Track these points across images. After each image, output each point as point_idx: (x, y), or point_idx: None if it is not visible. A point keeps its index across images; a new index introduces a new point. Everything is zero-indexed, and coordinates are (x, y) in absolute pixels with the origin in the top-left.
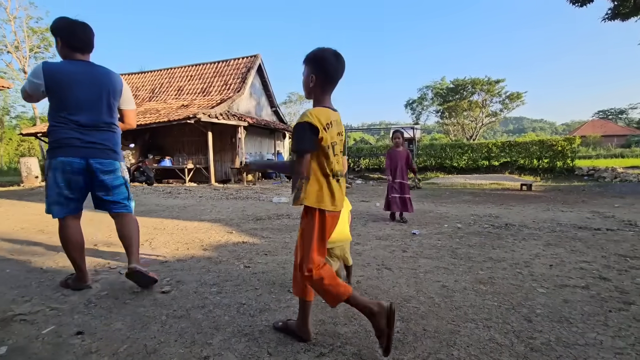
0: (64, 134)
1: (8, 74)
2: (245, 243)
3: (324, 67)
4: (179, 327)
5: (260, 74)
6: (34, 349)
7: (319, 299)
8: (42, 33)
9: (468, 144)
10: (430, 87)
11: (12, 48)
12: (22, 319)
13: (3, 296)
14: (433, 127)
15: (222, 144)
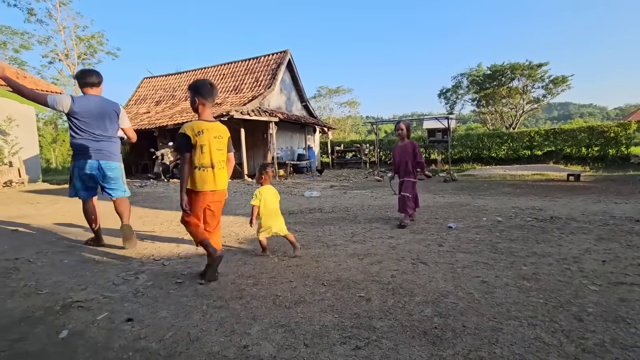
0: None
1: (60, 80)
2: (278, 236)
3: (202, 93)
4: (219, 317)
5: (290, 69)
6: (91, 333)
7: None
8: (87, 40)
9: (507, 133)
10: (466, 74)
11: (63, 56)
12: (79, 306)
13: (63, 284)
14: (469, 116)
15: (255, 139)
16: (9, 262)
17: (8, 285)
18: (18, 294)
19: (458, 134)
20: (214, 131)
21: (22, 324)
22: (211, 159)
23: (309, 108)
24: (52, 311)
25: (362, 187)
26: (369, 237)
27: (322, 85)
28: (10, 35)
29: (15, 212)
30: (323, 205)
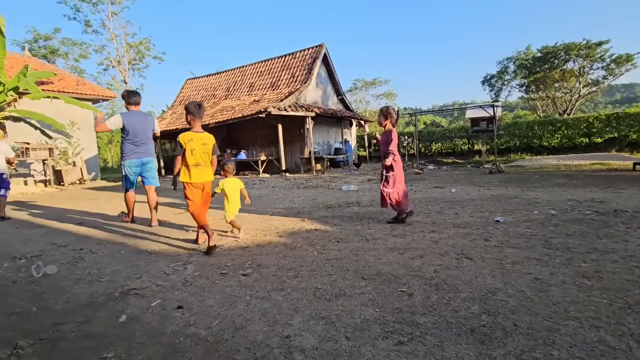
0: (135, 149)
1: (113, 85)
2: (317, 230)
3: (192, 112)
4: (262, 307)
5: (326, 63)
6: (146, 318)
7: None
8: (136, 47)
9: (561, 120)
10: (512, 58)
11: (115, 63)
12: (135, 293)
13: (121, 273)
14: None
15: (292, 135)
16: (75, 252)
17: (75, 272)
18: (83, 281)
19: (504, 123)
20: (201, 139)
21: (87, 308)
22: (198, 160)
23: (345, 101)
24: (112, 297)
25: None
26: (409, 231)
27: (358, 78)
28: (70, 46)
29: (79, 207)
30: (361, 199)
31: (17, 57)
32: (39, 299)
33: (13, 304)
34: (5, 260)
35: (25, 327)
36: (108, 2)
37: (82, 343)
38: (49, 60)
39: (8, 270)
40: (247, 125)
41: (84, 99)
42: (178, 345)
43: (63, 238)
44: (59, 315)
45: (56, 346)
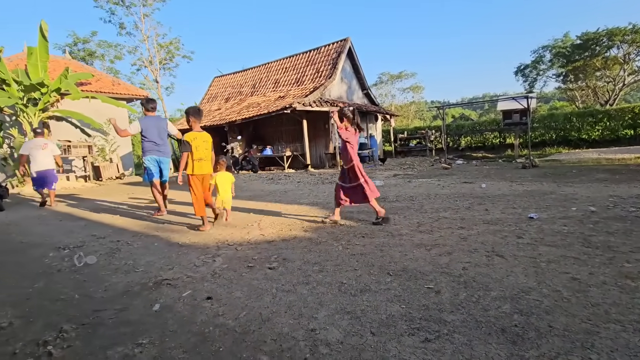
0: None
1: (146, 85)
2: (342, 225)
3: (193, 114)
4: (288, 300)
5: (351, 57)
6: (178, 308)
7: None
8: (166, 47)
9: (603, 111)
10: (549, 46)
11: (147, 63)
12: (168, 283)
13: (154, 264)
14: (552, 94)
15: (316, 130)
16: (113, 244)
17: (112, 263)
18: (120, 271)
19: (539, 115)
20: (203, 137)
21: (124, 297)
22: (201, 155)
23: (370, 96)
24: (147, 287)
25: (428, 175)
26: (437, 227)
27: (384, 72)
28: (106, 48)
29: (116, 201)
30: (387, 194)
31: (59, 60)
32: (81, 287)
33: (58, 291)
34: (51, 250)
35: (69, 312)
36: (140, 4)
37: (119, 329)
38: (87, 62)
39: (53, 260)
40: (272, 121)
41: (119, 98)
42: (208, 334)
43: (101, 230)
44: (98, 302)
45: (96, 331)
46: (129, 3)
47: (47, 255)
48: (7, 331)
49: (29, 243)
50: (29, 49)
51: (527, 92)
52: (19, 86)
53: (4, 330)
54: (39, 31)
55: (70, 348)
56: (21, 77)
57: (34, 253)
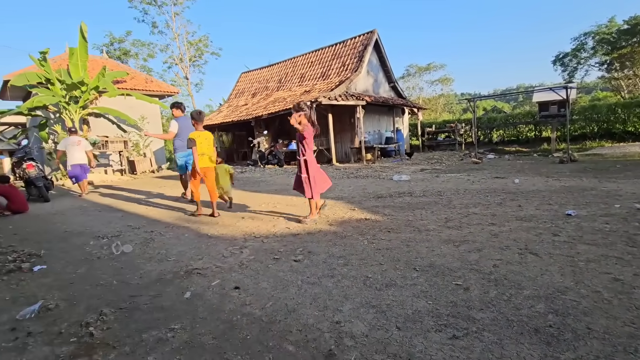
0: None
1: (177, 82)
2: (367, 220)
3: (195, 117)
4: (313, 292)
5: (377, 50)
6: (207, 296)
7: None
8: (196, 44)
9: None
10: (592, 33)
11: (178, 60)
12: (198, 273)
13: (185, 254)
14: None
15: (342, 124)
16: (147, 234)
17: (147, 252)
18: (154, 260)
19: (579, 106)
20: (204, 135)
21: (157, 284)
22: (204, 150)
23: (397, 89)
24: (178, 275)
25: (457, 170)
26: (466, 223)
27: (411, 64)
28: (140, 47)
29: (149, 194)
30: (413, 189)
31: (97, 60)
32: (118, 274)
33: (98, 276)
34: (91, 238)
35: (108, 297)
36: (171, 3)
37: (153, 314)
38: (122, 61)
39: (94, 248)
40: None
41: (152, 95)
42: (235, 322)
43: (136, 221)
44: (134, 288)
45: (133, 315)
46: (161, 2)
47: (88, 244)
48: (54, 312)
49: (72, 232)
50: (71, 49)
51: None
52: (62, 85)
53: (52, 312)
54: (80, 32)
55: (109, 330)
56: (64, 77)
57: (76, 241)
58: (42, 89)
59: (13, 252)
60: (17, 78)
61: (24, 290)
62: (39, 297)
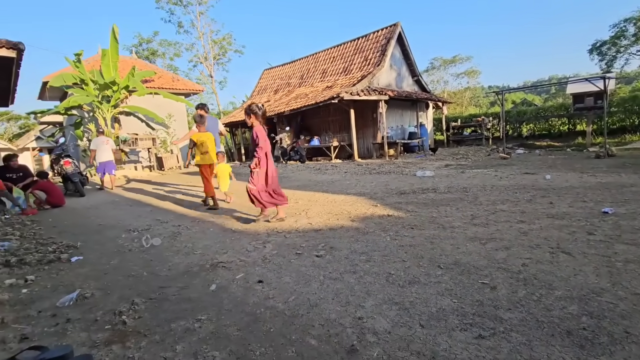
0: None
1: (201, 80)
2: (390, 216)
3: (197, 121)
4: (335, 288)
5: (401, 43)
6: (232, 289)
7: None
8: (219, 42)
9: None
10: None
11: (203, 59)
12: (223, 266)
13: (210, 248)
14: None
15: (364, 119)
16: (174, 228)
17: (174, 245)
18: (181, 253)
19: (618, 97)
20: (205, 136)
21: (185, 276)
22: (205, 149)
23: (421, 83)
24: (204, 268)
25: (484, 165)
26: (493, 220)
27: (436, 57)
28: (166, 46)
29: (177, 189)
30: (437, 185)
31: (127, 60)
32: (148, 265)
33: (129, 268)
34: (123, 232)
35: (139, 287)
36: (196, 2)
37: (181, 305)
38: (150, 61)
39: (125, 241)
40: (320, 112)
41: (178, 94)
42: (259, 315)
43: (164, 215)
44: (163, 280)
45: (162, 305)
46: (187, 2)
47: (120, 237)
48: (90, 301)
49: (105, 225)
50: (103, 51)
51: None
52: (95, 85)
53: (88, 300)
54: (111, 34)
55: (140, 319)
56: (96, 77)
57: (109, 234)
58: (77, 89)
59: (53, 243)
60: (55, 79)
61: (63, 280)
62: (77, 286)
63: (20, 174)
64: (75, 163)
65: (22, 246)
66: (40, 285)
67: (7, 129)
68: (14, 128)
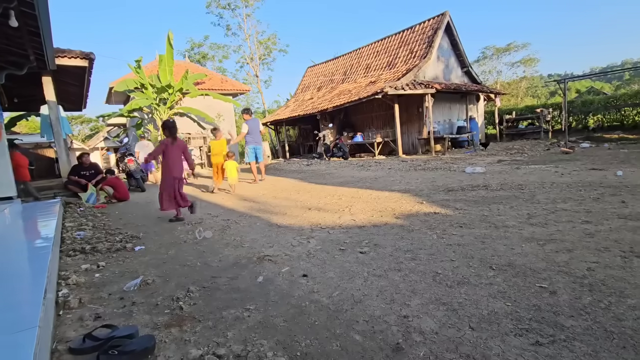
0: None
1: (247, 80)
2: (437, 214)
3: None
4: (379, 285)
5: (449, 33)
6: (278, 281)
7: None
8: (265, 43)
9: None
10: None
11: (249, 59)
12: (269, 259)
13: (257, 241)
14: None
15: (409, 114)
16: (224, 222)
17: (224, 238)
18: (230, 245)
19: None
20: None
21: (234, 267)
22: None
23: (471, 74)
24: (252, 261)
25: (542, 161)
26: (553, 220)
27: (487, 46)
28: (216, 49)
29: (224, 186)
30: (489, 182)
31: (180, 64)
32: (201, 256)
33: (185, 258)
34: (179, 225)
35: (194, 276)
36: (243, 5)
37: (231, 294)
38: (201, 64)
39: (181, 233)
40: (363, 108)
41: (226, 94)
42: (304, 308)
43: (215, 210)
44: (215, 270)
45: (214, 294)
46: (234, 6)
47: (176, 229)
48: (151, 286)
49: (163, 218)
50: (160, 56)
51: None
52: (153, 89)
53: (149, 286)
54: (167, 40)
55: (195, 306)
56: (154, 81)
57: (167, 226)
58: (137, 92)
59: (119, 233)
60: (119, 84)
61: (128, 266)
62: (140, 273)
63: (92, 171)
64: (137, 161)
65: (95, 235)
66: (109, 270)
67: (81, 131)
68: (86, 130)
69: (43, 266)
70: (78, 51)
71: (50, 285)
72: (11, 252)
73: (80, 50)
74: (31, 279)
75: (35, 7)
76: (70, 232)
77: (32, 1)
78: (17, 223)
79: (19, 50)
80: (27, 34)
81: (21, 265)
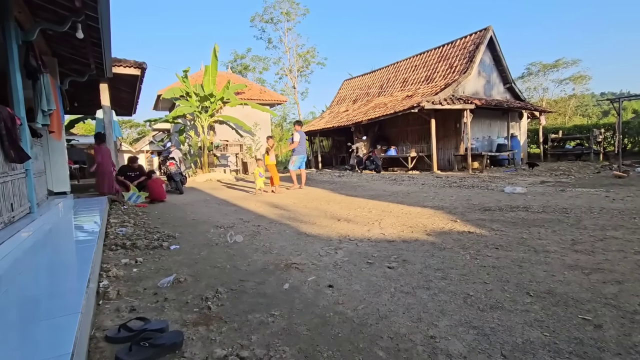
0: (302, 150)
1: (285, 91)
2: (471, 233)
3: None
4: (406, 302)
5: (492, 48)
6: (303, 290)
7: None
8: (304, 56)
9: None
10: None
11: (288, 71)
12: (296, 267)
13: (285, 249)
14: None
15: (446, 130)
16: (254, 227)
17: (254, 244)
18: (259, 251)
19: None
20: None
21: (261, 272)
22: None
23: (514, 90)
24: (279, 267)
25: (591, 184)
26: (601, 248)
27: (533, 62)
28: (257, 61)
29: (258, 193)
30: (530, 204)
31: (223, 74)
32: (231, 260)
33: (215, 260)
34: (211, 227)
35: (222, 278)
36: (285, 19)
37: (257, 299)
38: (243, 75)
39: (213, 235)
40: (398, 122)
41: (264, 104)
42: (328, 318)
43: (246, 215)
44: (243, 274)
45: (241, 297)
46: (277, 20)
47: (209, 231)
48: (183, 285)
49: (197, 220)
50: (206, 67)
51: None
52: (196, 97)
53: (181, 284)
54: (212, 52)
55: (222, 307)
56: (198, 90)
57: (201, 228)
58: (182, 100)
59: (157, 232)
60: (167, 92)
61: (163, 264)
62: (173, 271)
63: (137, 173)
64: (178, 165)
65: (135, 232)
66: (146, 266)
67: (129, 135)
68: (134, 134)
69: (88, 257)
70: (132, 61)
71: (93, 276)
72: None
73: (134, 60)
74: (77, 268)
75: (99, 21)
76: (113, 228)
77: (97, 16)
78: (69, 216)
79: (82, 59)
80: (90, 44)
81: (69, 255)
